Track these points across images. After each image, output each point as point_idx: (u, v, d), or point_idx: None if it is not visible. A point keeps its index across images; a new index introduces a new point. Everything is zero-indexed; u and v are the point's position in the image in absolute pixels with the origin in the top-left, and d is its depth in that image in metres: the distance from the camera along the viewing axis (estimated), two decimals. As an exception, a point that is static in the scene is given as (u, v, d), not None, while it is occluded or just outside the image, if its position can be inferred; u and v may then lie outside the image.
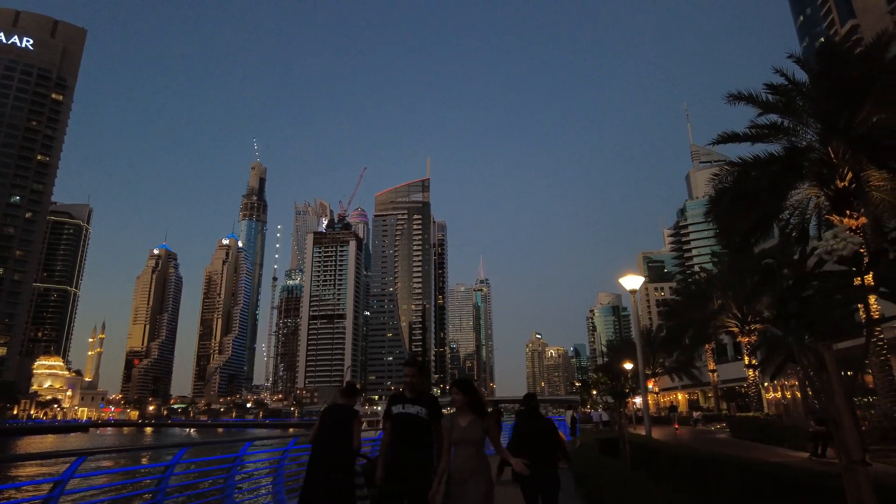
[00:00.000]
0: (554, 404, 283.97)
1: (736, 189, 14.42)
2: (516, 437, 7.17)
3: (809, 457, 15.10)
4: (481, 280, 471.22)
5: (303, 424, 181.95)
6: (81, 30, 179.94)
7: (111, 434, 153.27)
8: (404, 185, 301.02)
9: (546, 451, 6.86)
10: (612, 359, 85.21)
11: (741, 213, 14.13)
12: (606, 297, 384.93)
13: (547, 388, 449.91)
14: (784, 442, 17.80)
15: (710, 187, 15.16)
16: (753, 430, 20.92)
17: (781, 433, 18.34)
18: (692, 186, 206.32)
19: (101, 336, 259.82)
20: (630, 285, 14.97)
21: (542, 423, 7.19)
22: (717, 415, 42.84)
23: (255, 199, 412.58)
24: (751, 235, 15.03)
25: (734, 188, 14.44)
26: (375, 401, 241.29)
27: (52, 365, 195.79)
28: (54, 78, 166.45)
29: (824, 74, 13.61)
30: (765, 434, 19.62)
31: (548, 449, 6.90)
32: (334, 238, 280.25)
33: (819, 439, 14.83)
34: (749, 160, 14.51)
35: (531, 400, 7.60)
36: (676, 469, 8.43)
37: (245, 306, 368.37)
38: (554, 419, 29.78)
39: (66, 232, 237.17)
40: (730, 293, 26.18)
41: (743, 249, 15.71)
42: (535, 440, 6.89)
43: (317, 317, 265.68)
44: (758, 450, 16.64)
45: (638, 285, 14.87)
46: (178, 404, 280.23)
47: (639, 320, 14.59)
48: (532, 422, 7.20)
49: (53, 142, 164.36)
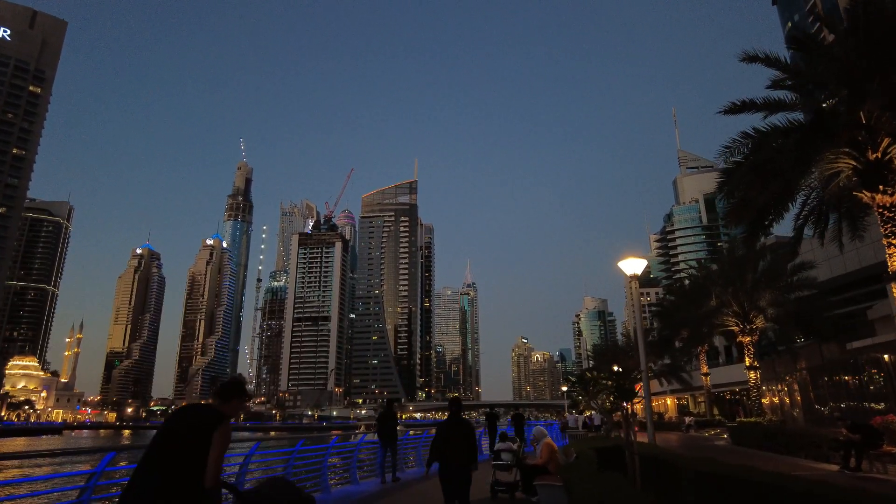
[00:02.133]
0: (540, 409, 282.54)
1: (753, 159, 12.51)
2: (439, 438, 8.00)
3: (841, 470, 13.09)
4: (468, 284, 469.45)
5: (284, 428, 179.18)
6: (62, 22, 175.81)
7: (87, 436, 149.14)
8: (392, 187, 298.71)
9: (464, 451, 7.79)
10: (599, 362, 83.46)
11: (758, 187, 12.25)
12: (592, 301, 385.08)
13: (533, 393, 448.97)
14: (800, 451, 15.78)
15: (722, 160, 13.23)
16: (758, 437, 18.93)
17: (795, 441, 16.35)
18: (679, 192, 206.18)
19: (78, 336, 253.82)
20: (631, 269, 13.00)
21: (463, 428, 8.01)
22: (710, 420, 41.18)
23: (241, 200, 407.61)
24: (767, 212, 13.14)
25: (751, 158, 12.52)
26: (360, 404, 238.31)
27: (26, 365, 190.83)
28: (32, 70, 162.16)
29: (855, 30, 11.77)
30: (774, 442, 17.71)
31: (465, 449, 7.81)
32: (320, 239, 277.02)
33: (852, 449, 12.93)
34: (766, 129, 12.61)
35: (455, 405, 8.40)
36: (703, 491, 6.40)
37: (229, 308, 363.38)
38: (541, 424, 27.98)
39: (44, 229, 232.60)
40: (730, 289, 24.40)
41: (757, 229, 13.83)
42: (456, 441, 7.83)
43: (301, 319, 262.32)
44: (774, 461, 14.65)
45: (640, 269, 12.91)
46: (157, 406, 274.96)
47: (640, 309, 12.53)
48: (455, 425, 8.03)
49: (30, 135, 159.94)
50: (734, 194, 13.03)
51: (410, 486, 13.47)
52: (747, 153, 12.92)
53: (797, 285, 23.72)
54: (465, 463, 7.73)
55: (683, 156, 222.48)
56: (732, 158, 13.24)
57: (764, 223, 13.85)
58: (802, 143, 11.35)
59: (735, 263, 25.16)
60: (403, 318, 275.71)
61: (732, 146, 13.38)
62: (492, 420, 22.94)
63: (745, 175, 12.48)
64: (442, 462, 7.80)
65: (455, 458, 7.70)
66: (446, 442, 7.83)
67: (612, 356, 68.59)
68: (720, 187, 13.51)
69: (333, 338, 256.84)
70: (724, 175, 13.45)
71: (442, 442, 7.88)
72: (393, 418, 14.21)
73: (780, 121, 13.20)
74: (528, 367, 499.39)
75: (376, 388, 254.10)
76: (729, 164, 13.20)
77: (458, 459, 7.69)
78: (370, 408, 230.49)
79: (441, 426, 8.26)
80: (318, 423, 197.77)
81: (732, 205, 13.20)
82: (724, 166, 13.57)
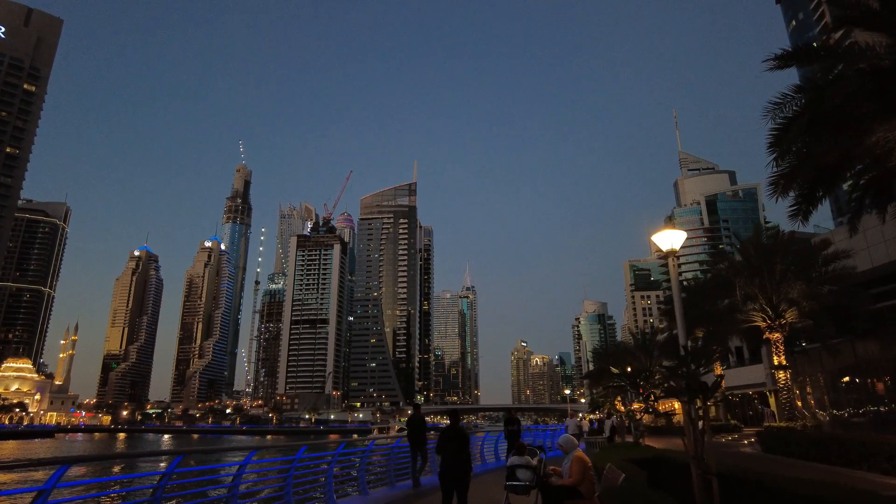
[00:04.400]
0: (539, 413, 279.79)
1: (817, 109, 10.40)
2: (441, 440, 9.49)
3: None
4: (467, 287, 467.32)
5: (281, 431, 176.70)
6: (57, 19, 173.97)
7: (81, 440, 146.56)
8: (391, 189, 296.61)
9: (459, 457, 9.14)
10: (603, 364, 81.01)
11: (825, 141, 10.12)
12: (592, 305, 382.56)
13: (532, 397, 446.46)
14: (861, 463, 13.28)
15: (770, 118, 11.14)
16: (800, 445, 16.53)
17: (854, 451, 13.83)
18: (680, 194, 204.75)
19: (73, 338, 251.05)
20: (667, 243, 10.94)
21: (459, 437, 9.38)
22: (725, 424, 38.91)
23: (240, 202, 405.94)
24: (828, 176, 10.96)
25: (815, 108, 10.38)
26: (357, 408, 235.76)
27: (19, 367, 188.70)
28: (27, 68, 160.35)
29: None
30: (822, 450, 15.14)
31: (461, 453, 9.19)
32: (318, 241, 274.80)
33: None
34: (838, 75, 10.43)
35: (454, 416, 10.15)
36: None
37: (227, 310, 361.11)
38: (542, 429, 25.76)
39: (40, 230, 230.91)
40: (756, 280, 22.18)
41: (810, 198, 11.69)
42: (452, 448, 9.22)
43: (299, 321, 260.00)
44: (837, 474, 12.29)
45: (678, 243, 10.84)
46: (153, 409, 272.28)
47: (678, 284, 10.45)
48: (452, 434, 9.44)
49: (24, 134, 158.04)
50: (789, 153, 10.90)
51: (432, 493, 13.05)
52: (802, 107, 10.84)
53: (832, 276, 21.61)
54: (461, 468, 8.98)
55: (685, 158, 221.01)
56: (783, 115, 11.16)
57: (816, 193, 11.72)
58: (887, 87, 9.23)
59: (762, 252, 22.92)
60: (402, 320, 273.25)
61: (783, 101, 11.34)
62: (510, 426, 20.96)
63: (806, 130, 10.36)
64: (441, 465, 9.26)
65: (451, 461, 9.05)
66: (444, 448, 9.24)
67: (617, 357, 66.37)
68: (774, 143, 11.35)
69: (331, 341, 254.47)
70: (776, 133, 11.31)
71: (441, 447, 9.32)
72: (422, 422, 14.40)
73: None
74: (528, 370, 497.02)
75: (374, 392, 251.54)
76: (783, 119, 11.06)
77: (454, 463, 9.02)
78: (368, 411, 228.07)
79: (441, 433, 9.60)
80: (315, 426, 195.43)
81: (786, 167, 11.08)
82: (773, 126, 11.46)
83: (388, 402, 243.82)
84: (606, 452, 13.63)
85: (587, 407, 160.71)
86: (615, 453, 11.81)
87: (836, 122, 10.00)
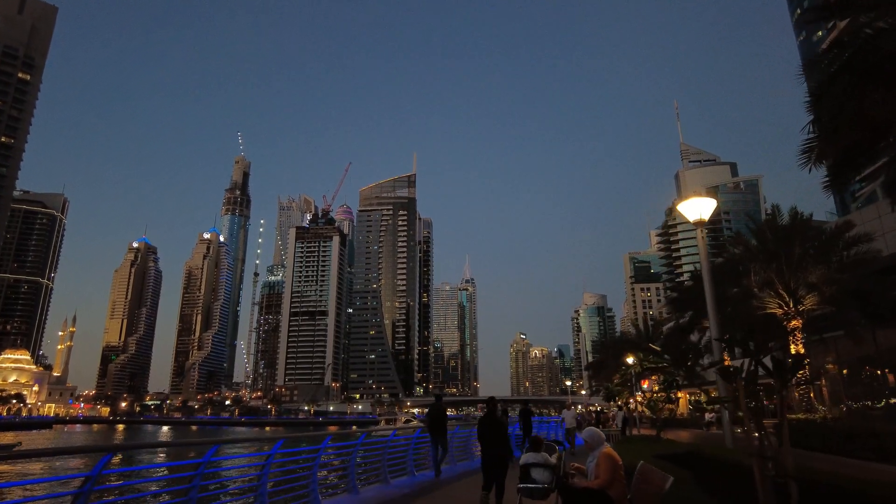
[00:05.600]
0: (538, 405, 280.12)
1: (863, 62, 9.23)
2: (480, 427, 10.06)
3: None
4: (467, 279, 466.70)
5: (280, 423, 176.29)
6: (52, 7, 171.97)
7: (79, 431, 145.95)
8: (390, 181, 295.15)
9: (499, 441, 9.56)
10: (605, 357, 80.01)
11: (873, 97, 8.97)
12: (592, 297, 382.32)
13: (531, 389, 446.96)
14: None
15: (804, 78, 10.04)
16: (820, 438, 15.40)
17: (890, 444, 12.72)
18: (681, 185, 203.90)
19: (71, 329, 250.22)
20: (695, 213, 9.85)
21: (497, 424, 9.92)
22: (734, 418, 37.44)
23: (239, 194, 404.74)
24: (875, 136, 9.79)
25: (859, 60, 9.22)
26: (357, 399, 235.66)
27: (17, 359, 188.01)
28: (21, 56, 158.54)
29: None
30: (856, 445, 14.01)
31: (501, 440, 9.60)
32: (317, 233, 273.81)
33: None
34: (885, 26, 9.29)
35: (491, 403, 10.53)
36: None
37: (226, 302, 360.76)
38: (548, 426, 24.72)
39: (38, 221, 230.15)
40: (773, 265, 20.98)
41: (850, 164, 10.53)
42: (492, 434, 9.68)
43: (298, 313, 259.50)
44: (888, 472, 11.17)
45: (708, 211, 9.76)
46: (152, 401, 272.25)
47: (707, 253, 9.43)
48: (491, 420, 9.97)
49: (19, 123, 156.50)
50: (834, 109, 9.74)
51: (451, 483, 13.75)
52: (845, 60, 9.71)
53: (854, 261, 20.43)
54: (501, 453, 9.37)
55: (686, 149, 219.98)
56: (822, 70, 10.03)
57: (859, 158, 10.56)
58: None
59: (780, 235, 21.69)
60: (401, 312, 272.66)
61: (822, 57, 10.22)
62: (526, 418, 20.11)
63: (857, 80, 9.22)
64: (483, 452, 9.75)
65: (492, 448, 9.47)
66: (483, 436, 9.78)
67: (621, 348, 65.37)
68: (813, 101, 10.19)
69: (331, 332, 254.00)
70: (815, 93, 10.16)
71: (481, 435, 9.85)
72: (443, 413, 14.69)
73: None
74: (527, 362, 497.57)
75: (374, 384, 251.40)
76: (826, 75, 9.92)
77: (495, 450, 9.43)
78: (367, 403, 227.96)
79: (480, 422, 10.18)
80: (314, 418, 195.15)
81: (827, 125, 9.93)
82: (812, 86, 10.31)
83: (388, 393, 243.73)
84: (628, 447, 12.48)
85: (588, 398, 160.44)
86: (639, 448, 10.75)
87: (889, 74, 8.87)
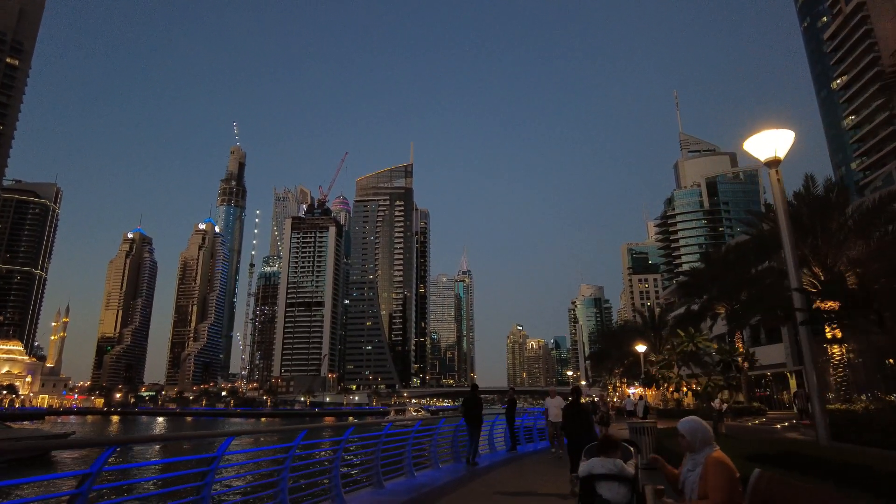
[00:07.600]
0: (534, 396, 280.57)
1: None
2: (565, 416, 11.34)
3: None
4: (464, 271, 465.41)
5: (276, 414, 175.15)
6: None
7: (73, 422, 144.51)
8: (387, 171, 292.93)
9: (582, 425, 10.78)
10: (607, 346, 79.13)
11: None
12: (589, 289, 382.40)
13: (527, 380, 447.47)
14: None
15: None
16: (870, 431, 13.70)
17: None
18: (680, 176, 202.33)
19: (64, 320, 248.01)
20: (768, 149, 8.51)
21: (580, 408, 11.19)
22: (748, 407, 36.33)
23: (234, 184, 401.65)
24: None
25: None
26: (353, 390, 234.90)
27: (10, 350, 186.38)
28: (9, 40, 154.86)
29: None
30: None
31: (584, 424, 10.79)
32: (313, 224, 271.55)
33: None
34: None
35: (577, 393, 11.59)
36: None
37: (221, 293, 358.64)
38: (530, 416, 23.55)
39: (31, 211, 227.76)
40: (809, 240, 19.19)
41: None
42: (576, 418, 10.92)
43: (294, 304, 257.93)
44: None
45: (784, 148, 8.40)
46: (147, 392, 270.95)
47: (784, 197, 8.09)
48: (575, 407, 11.19)
49: (8, 110, 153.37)
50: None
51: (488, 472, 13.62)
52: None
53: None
54: (587, 440, 9.02)
55: (685, 139, 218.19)
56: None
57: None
58: None
59: (816, 207, 19.79)
60: (398, 303, 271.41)
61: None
62: (511, 408, 18.59)
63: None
64: (569, 438, 11.04)
65: (577, 435, 10.55)
66: (571, 423, 11.01)
67: (623, 337, 64.42)
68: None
69: (327, 323, 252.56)
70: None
71: (568, 423, 11.12)
72: (479, 403, 14.57)
73: None
74: (524, 354, 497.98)
75: (370, 375, 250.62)
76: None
77: (581, 436, 10.29)
78: (364, 394, 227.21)
79: (565, 411, 11.47)
80: (310, 409, 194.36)
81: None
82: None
83: (385, 384, 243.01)
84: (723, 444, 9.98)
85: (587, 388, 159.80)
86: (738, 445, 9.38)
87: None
